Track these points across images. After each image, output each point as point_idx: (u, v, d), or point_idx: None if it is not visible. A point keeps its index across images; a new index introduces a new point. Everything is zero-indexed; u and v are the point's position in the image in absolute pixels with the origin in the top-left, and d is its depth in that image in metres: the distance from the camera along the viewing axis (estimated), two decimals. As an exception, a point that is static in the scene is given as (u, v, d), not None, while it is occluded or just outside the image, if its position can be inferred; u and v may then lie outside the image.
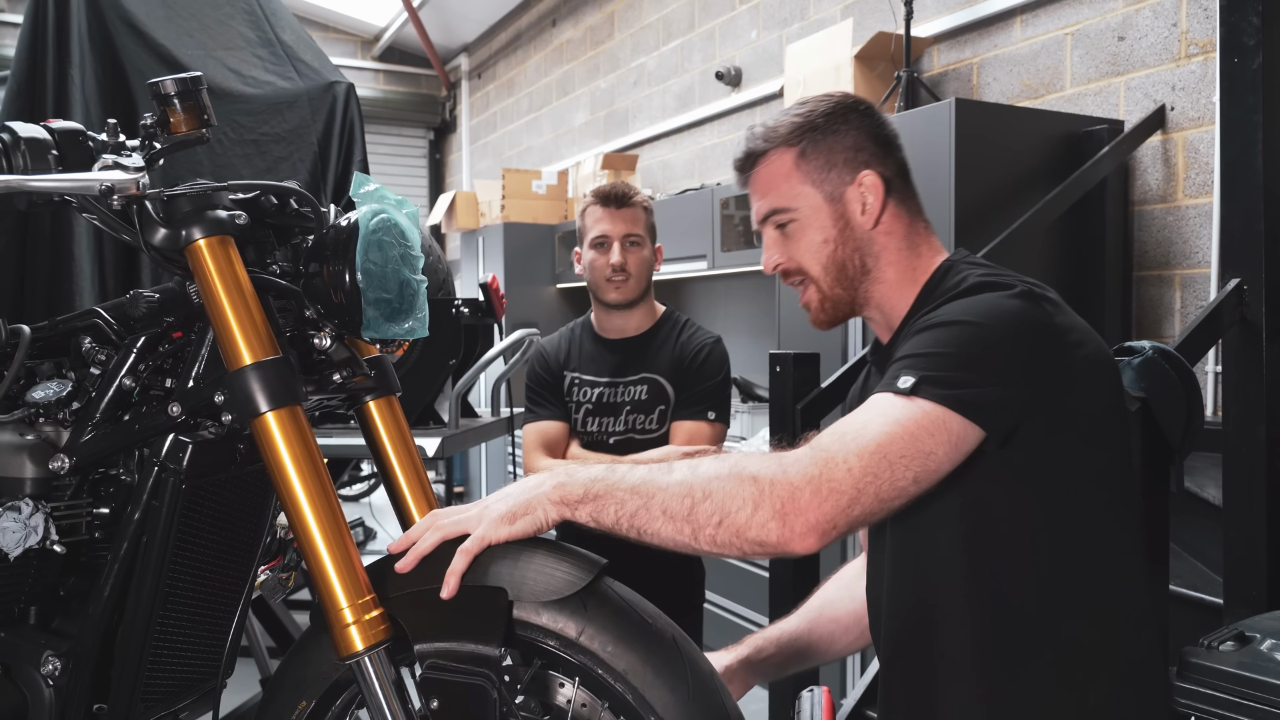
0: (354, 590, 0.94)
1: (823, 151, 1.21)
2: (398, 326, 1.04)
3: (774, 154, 1.24)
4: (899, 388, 1.00)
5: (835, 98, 1.26)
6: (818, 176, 1.21)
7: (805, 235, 1.22)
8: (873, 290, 1.23)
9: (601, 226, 2.10)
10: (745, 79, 5.02)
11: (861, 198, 1.20)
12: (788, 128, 1.23)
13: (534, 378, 2.19)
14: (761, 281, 4.46)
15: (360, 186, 1.06)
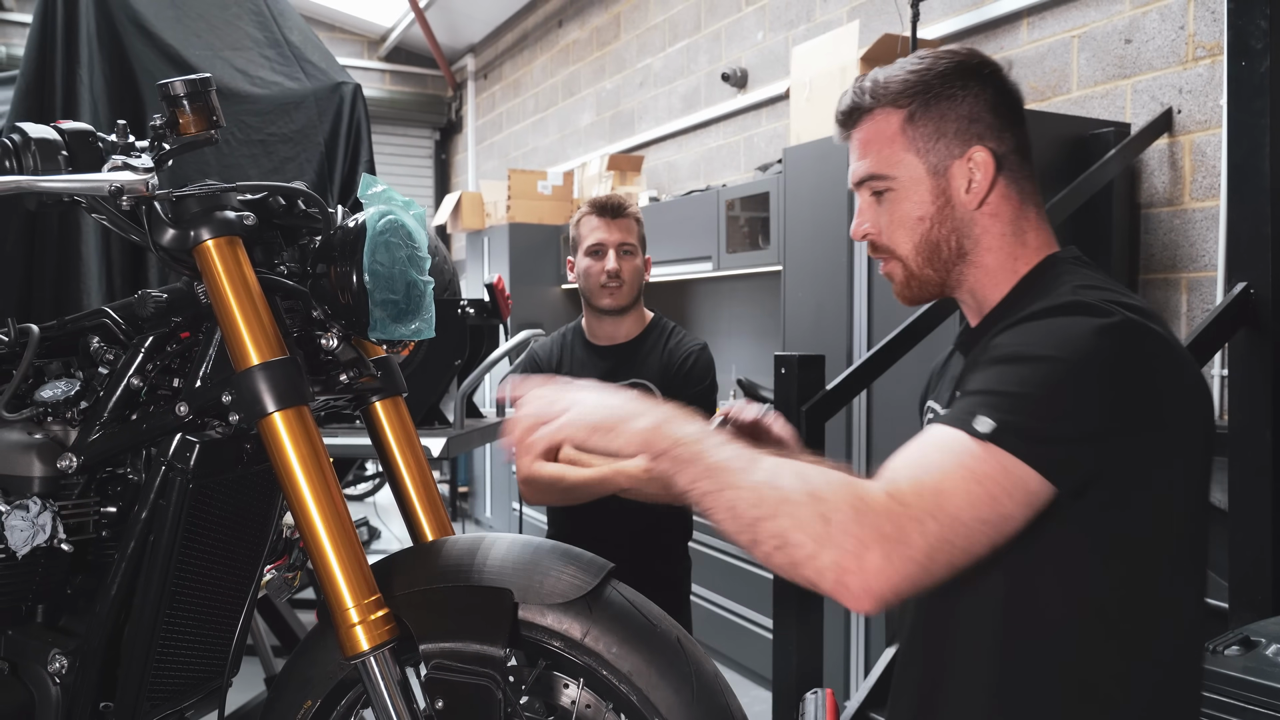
0: (360, 590, 0.94)
1: (933, 118, 1.10)
2: (404, 327, 1.05)
3: (880, 113, 1.12)
4: (977, 430, 0.90)
5: (959, 56, 1.13)
6: (924, 145, 1.10)
7: (900, 208, 1.12)
8: (967, 274, 1.13)
9: (598, 235, 2.17)
10: (751, 80, 5.02)
11: (969, 174, 1.10)
12: (899, 85, 1.11)
13: None
14: (767, 283, 4.46)
15: (368, 188, 1.06)
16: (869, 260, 3.19)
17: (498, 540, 1.03)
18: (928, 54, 1.14)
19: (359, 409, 1.14)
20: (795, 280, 3.54)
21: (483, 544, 1.02)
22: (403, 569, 1.02)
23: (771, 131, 4.87)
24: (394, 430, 1.14)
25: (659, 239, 4.96)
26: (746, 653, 3.94)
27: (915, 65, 1.12)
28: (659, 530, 2.19)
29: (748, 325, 4.98)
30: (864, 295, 3.20)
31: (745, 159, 5.08)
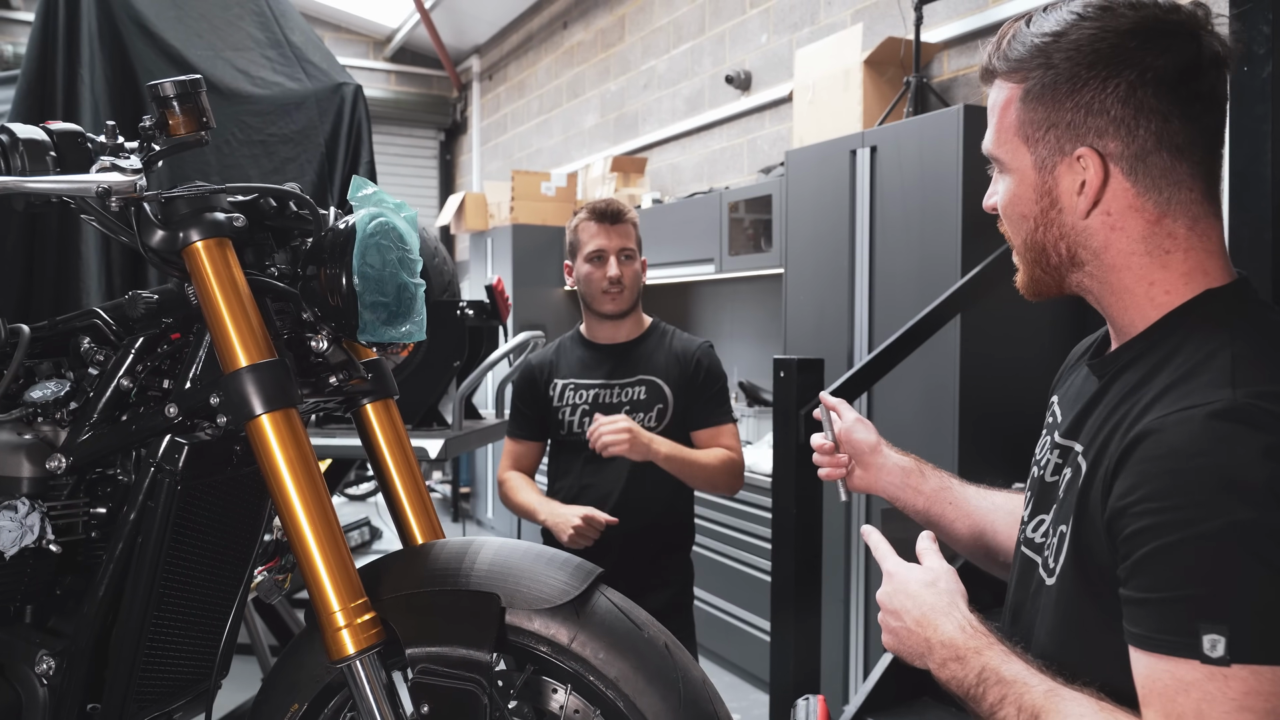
0: (347, 593, 0.94)
1: (1048, 102, 0.91)
2: (395, 330, 1.04)
3: (1000, 81, 0.96)
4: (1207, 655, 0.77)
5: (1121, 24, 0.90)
6: (1033, 133, 0.93)
7: (1009, 198, 0.97)
8: (1090, 286, 0.97)
9: (598, 242, 2.20)
10: (755, 83, 5.01)
11: (1079, 175, 0.92)
12: (1021, 52, 0.93)
13: (517, 392, 2.32)
14: (769, 285, 4.46)
15: (358, 190, 1.06)
16: (870, 264, 3.18)
17: (487, 544, 1.03)
18: (1078, 7, 0.92)
19: (350, 411, 1.14)
20: (796, 283, 3.53)
21: (471, 548, 1.02)
22: (391, 572, 1.01)
23: (775, 134, 4.86)
24: (385, 432, 1.13)
25: (662, 241, 4.96)
26: (746, 656, 3.93)
27: (1051, 26, 0.92)
28: (659, 533, 2.21)
29: (750, 328, 4.97)
30: (865, 299, 3.19)
31: (749, 161, 5.07)
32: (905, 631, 0.98)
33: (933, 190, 2.95)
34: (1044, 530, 1.01)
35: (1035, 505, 1.05)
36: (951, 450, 2.89)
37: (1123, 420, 0.90)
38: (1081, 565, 0.91)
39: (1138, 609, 0.83)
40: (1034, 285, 1.01)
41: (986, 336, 2.89)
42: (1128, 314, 0.95)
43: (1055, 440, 1.05)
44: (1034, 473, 1.10)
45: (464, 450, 2.51)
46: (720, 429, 2.23)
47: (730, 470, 2.17)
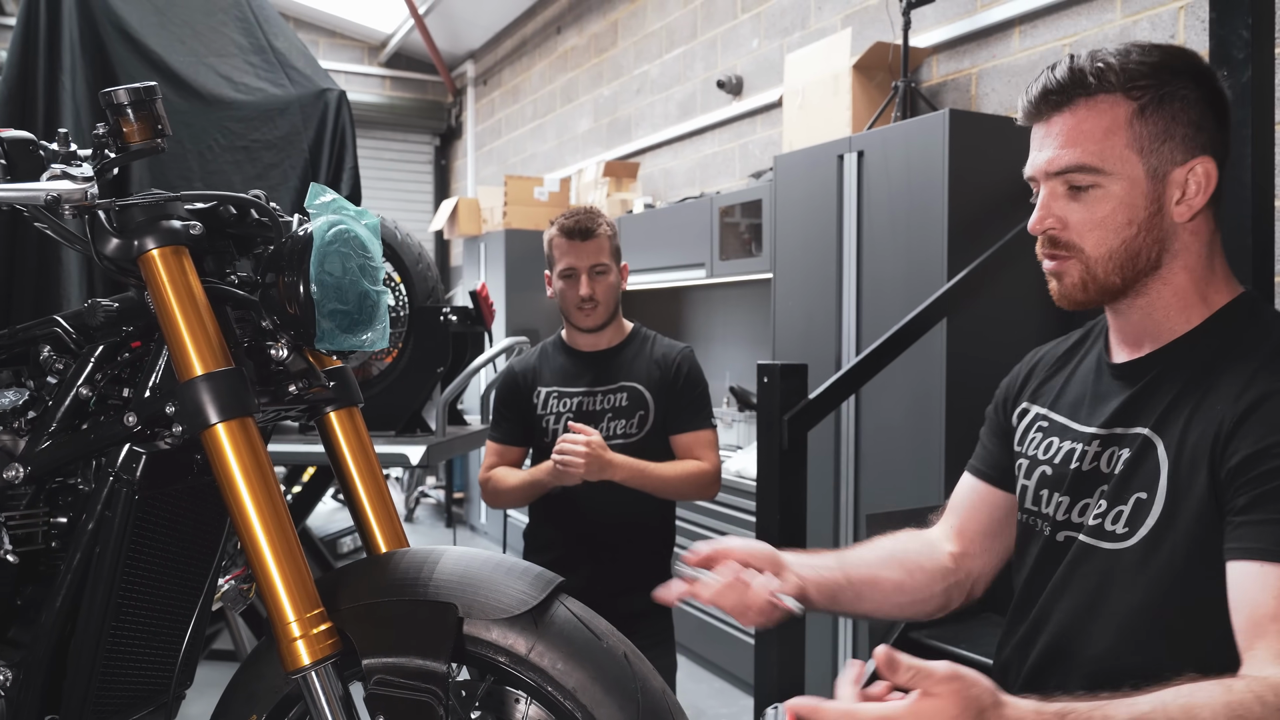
0: (302, 603, 0.93)
1: (1165, 117, 1.03)
2: (355, 338, 1.04)
3: (1105, 99, 1.04)
4: None
5: (1186, 55, 1.06)
6: (1149, 145, 1.03)
7: (1105, 208, 1.05)
8: (1153, 288, 1.08)
9: (568, 260, 2.19)
10: (746, 88, 5.02)
11: (1185, 184, 1.04)
12: (1134, 73, 1.03)
13: (500, 398, 2.31)
14: (760, 290, 4.46)
15: (315, 197, 1.05)
16: (858, 268, 3.18)
17: (448, 554, 1.02)
18: (1145, 44, 1.06)
19: (313, 419, 1.13)
20: (785, 288, 3.53)
21: (431, 557, 1.01)
22: (350, 582, 1.01)
23: (766, 139, 4.86)
24: (348, 441, 1.13)
25: (653, 246, 4.96)
26: (735, 661, 3.92)
27: (1145, 55, 1.04)
28: (638, 535, 2.20)
29: (741, 333, 4.97)
30: (853, 303, 3.19)
31: (740, 166, 5.07)
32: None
33: (919, 195, 2.95)
34: (1101, 510, 1.09)
35: (1075, 493, 1.14)
36: (938, 452, 2.89)
37: (1203, 400, 1.03)
38: (1172, 514, 1.03)
39: (1269, 527, 0.94)
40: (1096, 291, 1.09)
41: (973, 340, 2.88)
42: (1185, 316, 1.08)
43: (1082, 432, 1.16)
44: (1045, 472, 1.20)
45: (447, 457, 2.51)
46: (698, 435, 2.22)
47: (698, 482, 2.17)
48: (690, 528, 4.18)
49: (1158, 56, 1.05)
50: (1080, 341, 1.29)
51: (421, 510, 7.60)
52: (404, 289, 2.64)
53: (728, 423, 4.59)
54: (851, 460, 3.20)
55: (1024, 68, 3.45)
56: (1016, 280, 2.94)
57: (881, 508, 3.06)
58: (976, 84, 3.66)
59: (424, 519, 7.47)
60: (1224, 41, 1.95)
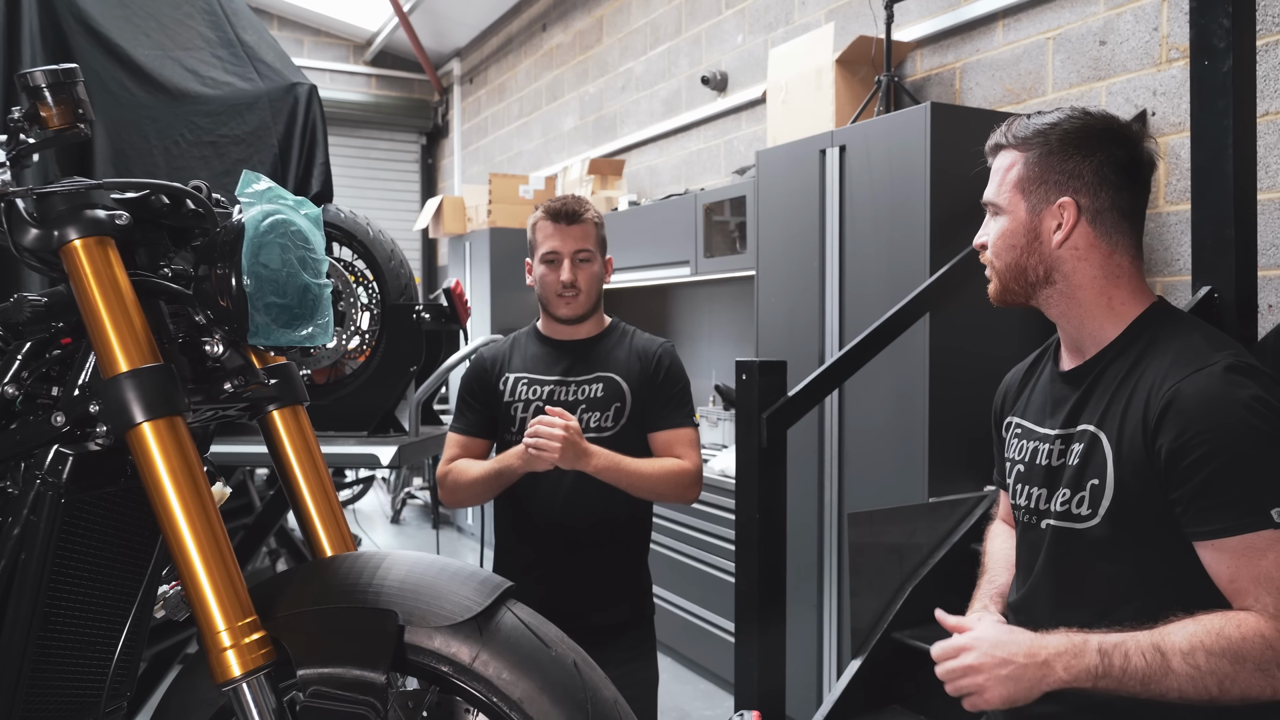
0: (233, 611, 0.88)
1: (1041, 167, 1.33)
2: (294, 333, 0.99)
3: (1005, 151, 1.38)
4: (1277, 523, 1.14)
5: (1090, 121, 1.34)
6: (1029, 187, 1.34)
7: (1002, 232, 1.37)
8: (1058, 300, 1.37)
9: (552, 243, 2.09)
10: (731, 84, 4.98)
11: (1058, 218, 1.33)
12: (1029, 132, 1.35)
13: (465, 386, 2.17)
14: (745, 288, 4.42)
15: (248, 184, 1.00)
16: (841, 264, 3.14)
17: (395, 559, 0.98)
18: (1068, 111, 1.36)
19: (255, 418, 1.08)
20: (768, 284, 3.49)
21: (379, 562, 0.96)
22: (287, 588, 0.96)
23: (751, 135, 4.83)
24: (292, 441, 1.07)
25: (638, 243, 4.91)
26: (720, 662, 3.88)
27: (1049, 120, 1.35)
28: (613, 532, 2.11)
29: (727, 330, 4.93)
30: (835, 300, 3.15)
31: (725, 163, 5.03)
32: (1020, 668, 1.21)
33: (901, 190, 2.91)
34: (1065, 497, 1.33)
35: (1047, 486, 1.38)
36: (921, 450, 2.85)
37: (1133, 395, 1.27)
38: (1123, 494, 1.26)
39: (1213, 511, 1.18)
40: (1006, 295, 1.40)
41: (956, 336, 2.85)
42: (1095, 320, 1.36)
43: (1045, 434, 1.41)
44: (1020, 469, 1.45)
45: (420, 457, 2.46)
46: (677, 433, 2.12)
47: (678, 481, 2.05)
48: (674, 526, 4.13)
49: (1056, 120, 1.35)
50: (1038, 358, 1.54)
51: (408, 511, 7.55)
52: (376, 286, 2.59)
53: (713, 421, 4.54)
54: (835, 458, 3.16)
55: (1008, 61, 3.41)
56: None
57: (865, 506, 3.02)
58: (960, 78, 3.63)
59: (410, 520, 7.41)
60: (1205, 31, 1.91)
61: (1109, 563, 1.28)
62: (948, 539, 2.65)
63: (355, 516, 7.09)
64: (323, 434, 2.51)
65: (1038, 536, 1.39)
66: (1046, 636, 1.22)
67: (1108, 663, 1.16)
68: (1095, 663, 1.17)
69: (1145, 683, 1.14)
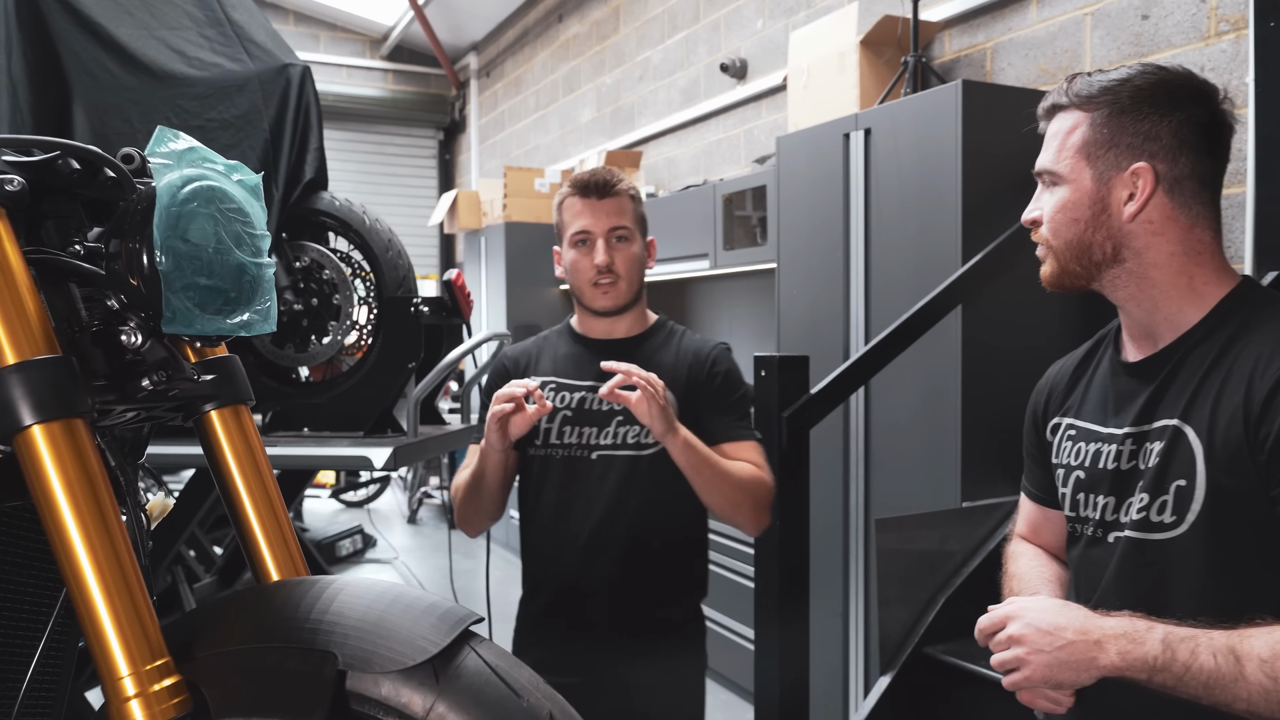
0: (140, 653, 0.74)
1: (1111, 129, 1.17)
2: (224, 320, 0.84)
3: (1066, 113, 1.22)
4: None
5: (1166, 77, 1.18)
6: (1096, 152, 1.18)
7: (1061, 205, 1.21)
8: (1127, 282, 1.21)
9: (582, 221, 1.80)
10: (751, 71, 4.81)
11: (1130, 186, 1.17)
12: (1095, 89, 1.19)
13: (488, 390, 1.90)
14: (766, 281, 4.25)
15: (162, 142, 0.85)
16: (866, 254, 2.97)
17: (347, 587, 0.83)
18: (1138, 67, 1.19)
19: (190, 420, 0.94)
20: (789, 277, 3.32)
21: (318, 590, 0.81)
22: (212, 623, 0.81)
23: (772, 123, 4.65)
24: (233, 446, 0.93)
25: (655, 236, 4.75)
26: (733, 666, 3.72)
27: (1117, 75, 1.19)
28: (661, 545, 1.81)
29: (748, 326, 4.76)
30: (861, 291, 2.98)
31: (745, 152, 4.86)
32: (1069, 645, 1.09)
33: (931, 174, 2.73)
34: (1143, 504, 1.17)
35: (1116, 493, 1.22)
36: (954, 450, 2.67)
37: (1226, 382, 1.12)
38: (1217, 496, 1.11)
39: None
40: (1064, 279, 1.24)
41: (991, 328, 2.67)
42: (1172, 303, 1.19)
43: (1110, 434, 1.24)
44: (1079, 476, 1.28)
45: (418, 459, 2.32)
46: (741, 445, 1.79)
47: (758, 494, 1.74)
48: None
49: (1126, 76, 1.17)
50: (1092, 350, 1.37)
51: (425, 511, 7.43)
52: (373, 279, 2.45)
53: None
54: (860, 460, 2.99)
55: (1043, 39, 3.22)
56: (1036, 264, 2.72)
57: (893, 511, 2.85)
58: (992, 59, 3.44)
59: (427, 520, 7.30)
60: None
61: (1199, 576, 1.13)
62: (983, 546, 2.47)
63: (370, 516, 6.98)
64: (317, 435, 2.37)
65: (1104, 552, 1.23)
66: (1105, 616, 1.11)
67: (1170, 655, 1.04)
68: (1156, 653, 1.05)
69: (1209, 686, 1.02)
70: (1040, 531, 1.47)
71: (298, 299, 2.40)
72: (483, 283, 6.39)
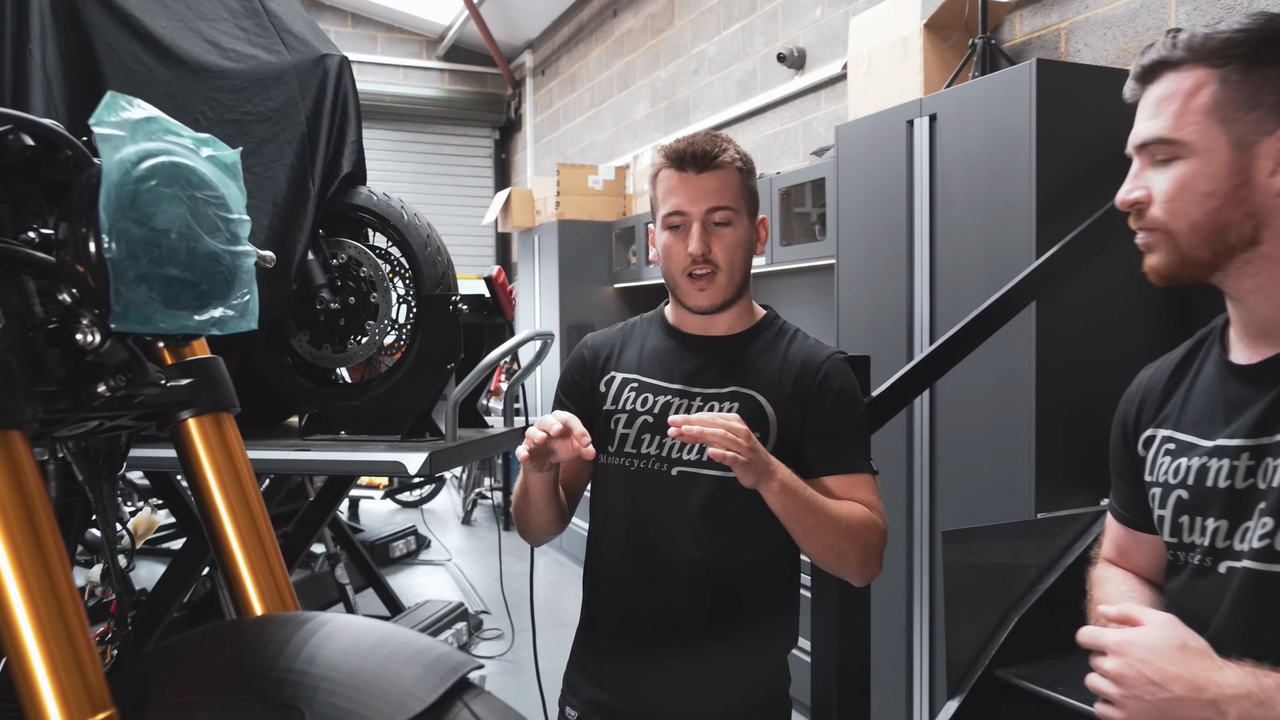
0: (79, 705, 0.63)
1: (1251, 85, 0.98)
2: (193, 318, 0.73)
3: (1187, 70, 1.01)
4: None
5: None
6: (1233, 114, 0.99)
7: (1184, 180, 1.02)
8: (1260, 270, 1.02)
9: (675, 199, 1.49)
10: (809, 60, 4.64)
11: (1278, 155, 0.98)
12: (1219, 42, 1.00)
13: (563, 381, 1.65)
14: (824, 277, 4.08)
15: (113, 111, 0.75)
16: (931, 247, 2.80)
17: (327, 626, 0.71)
18: (1263, 14, 1.01)
19: (165, 430, 0.83)
20: (849, 272, 3.16)
21: (302, 632, 0.70)
22: (175, 668, 0.70)
23: (831, 114, 4.48)
24: (213, 459, 0.82)
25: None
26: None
27: (1243, 23, 1.00)
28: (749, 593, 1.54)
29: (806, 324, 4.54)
30: (925, 287, 2.81)
31: (804, 145, 4.70)
32: (1176, 702, 0.95)
33: (1001, 161, 2.56)
34: (1266, 529, 1.01)
35: (1230, 515, 1.05)
36: (1027, 457, 2.49)
37: None
38: None
39: None
40: (1184, 268, 1.04)
41: (1068, 326, 2.48)
42: None
43: (1218, 448, 1.07)
44: (1181, 497, 1.11)
45: (456, 465, 2.22)
46: (853, 479, 1.50)
47: (868, 537, 1.46)
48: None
49: (1257, 25, 0.99)
50: (1192, 352, 1.19)
51: (479, 512, 7.38)
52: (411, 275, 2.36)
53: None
54: (925, 466, 2.82)
55: (1122, 17, 3.01)
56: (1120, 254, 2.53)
57: (961, 520, 2.68)
58: (1066, 40, 3.24)
59: (481, 521, 7.25)
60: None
61: None
62: (1059, 561, 2.29)
63: (424, 517, 6.96)
64: (354, 438, 2.29)
65: (1215, 585, 1.06)
66: (1223, 668, 0.95)
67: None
68: None
69: None
70: (1130, 557, 1.30)
71: (335, 297, 2.32)
72: (536, 282, 6.32)
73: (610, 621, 1.57)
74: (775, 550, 1.53)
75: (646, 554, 1.52)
